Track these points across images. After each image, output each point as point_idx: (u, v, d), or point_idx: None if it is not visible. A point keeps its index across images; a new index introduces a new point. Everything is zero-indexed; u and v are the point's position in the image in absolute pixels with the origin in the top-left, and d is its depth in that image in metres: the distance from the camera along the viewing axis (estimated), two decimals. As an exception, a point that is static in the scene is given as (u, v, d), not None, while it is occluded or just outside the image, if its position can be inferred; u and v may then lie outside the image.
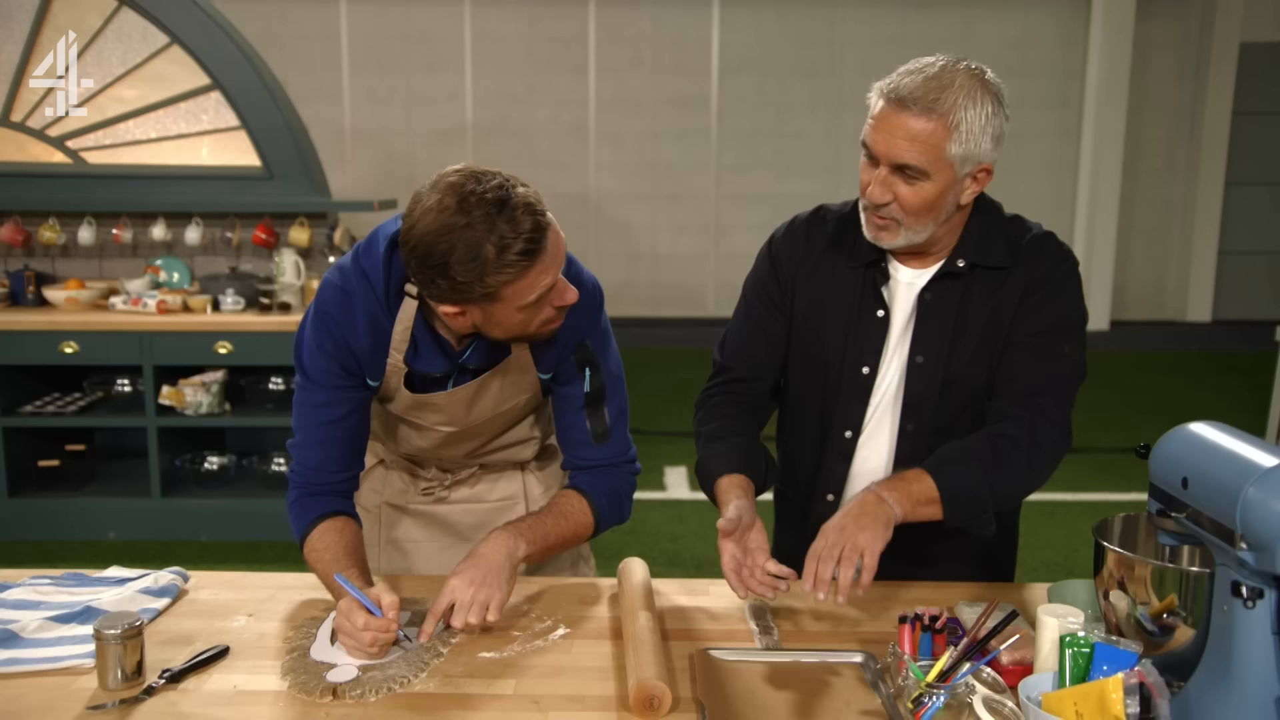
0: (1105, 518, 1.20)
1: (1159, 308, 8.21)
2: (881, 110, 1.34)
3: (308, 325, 1.40)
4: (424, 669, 1.22)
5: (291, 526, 1.43)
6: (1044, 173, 7.81)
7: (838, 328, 1.47)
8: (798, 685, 1.19)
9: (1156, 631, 1.08)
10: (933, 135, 1.30)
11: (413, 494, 1.61)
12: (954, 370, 1.42)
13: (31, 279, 3.74)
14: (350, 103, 7.72)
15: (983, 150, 1.33)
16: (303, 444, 1.42)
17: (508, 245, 1.19)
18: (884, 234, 1.39)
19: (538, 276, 1.24)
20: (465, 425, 1.47)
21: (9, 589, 1.41)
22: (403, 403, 1.44)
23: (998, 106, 1.34)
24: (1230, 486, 0.97)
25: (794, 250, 1.51)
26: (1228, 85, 7.74)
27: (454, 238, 1.19)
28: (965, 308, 1.42)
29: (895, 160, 1.33)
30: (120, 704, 1.13)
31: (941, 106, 1.30)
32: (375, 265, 1.35)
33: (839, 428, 1.49)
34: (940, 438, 1.42)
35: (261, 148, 3.72)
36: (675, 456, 4.62)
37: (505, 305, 1.26)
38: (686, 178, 7.88)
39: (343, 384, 1.39)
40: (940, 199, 1.35)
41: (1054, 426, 1.37)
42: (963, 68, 1.33)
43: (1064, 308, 1.41)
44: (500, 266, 1.20)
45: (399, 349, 1.38)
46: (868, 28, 7.67)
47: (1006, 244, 1.43)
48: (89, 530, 3.67)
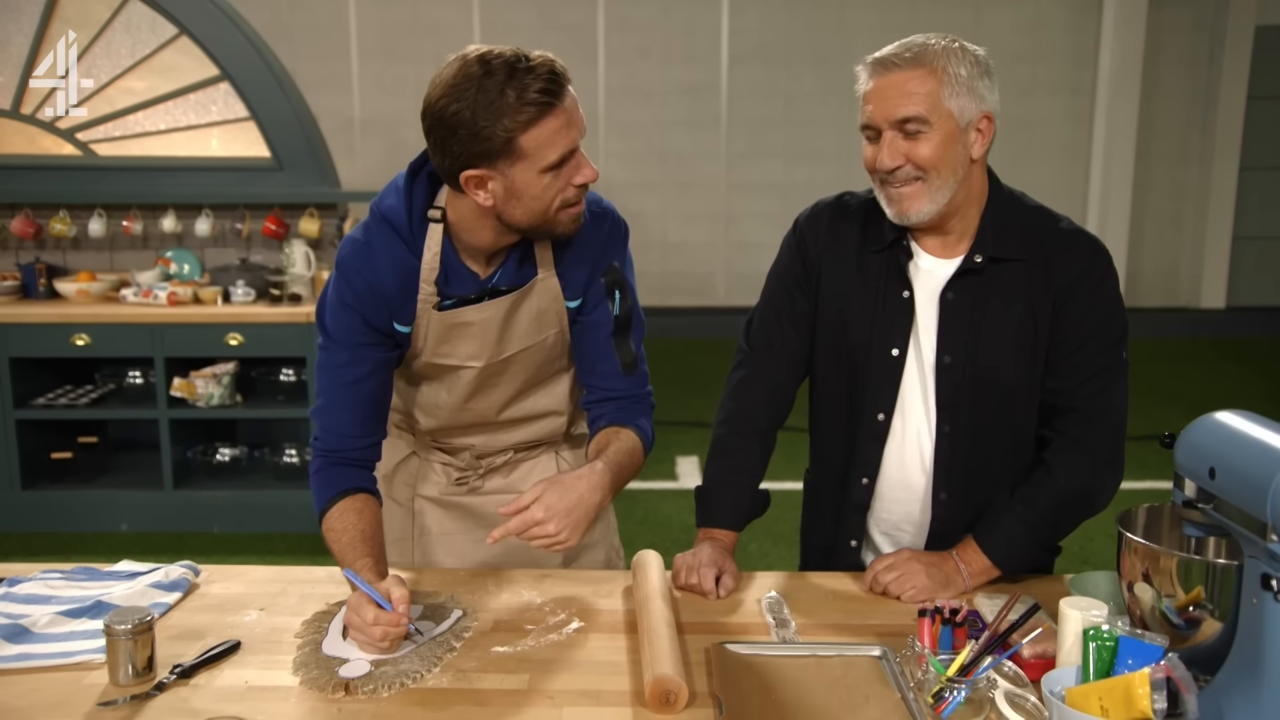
0: (1128, 508, 1.18)
1: (1173, 294, 8.18)
2: (871, 81, 1.38)
3: (330, 286, 1.41)
4: (437, 664, 1.22)
5: (313, 497, 1.43)
6: (1057, 159, 7.78)
7: (864, 311, 1.47)
8: (815, 679, 1.18)
9: (1182, 625, 1.06)
10: (925, 82, 1.34)
11: (446, 485, 1.60)
12: (984, 368, 1.42)
13: (43, 271, 3.75)
14: (359, 93, 7.73)
15: (978, 98, 1.36)
16: (325, 408, 1.42)
17: (526, 87, 1.23)
18: (909, 203, 1.39)
19: (557, 128, 1.25)
20: (494, 357, 1.45)
21: (20, 583, 1.41)
22: (436, 335, 1.43)
23: (980, 64, 1.37)
24: (1260, 477, 0.95)
25: (818, 233, 1.51)
26: (1242, 69, 7.67)
27: (473, 87, 1.23)
28: (988, 305, 1.42)
29: (896, 116, 1.35)
30: (131, 700, 1.13)
31: (926, 58, 1.35)
32: (395, 203, 1.37)
33: (871, 411, 1.48)
34: (979, 439, 1.44)
35: (271, 139, 3.72)
36: (687, 446, 4.62)
37: (527, 166, 1.26)
38: (696, 166, 7.87)
39: (365, 341, 1.40)
40: (949, 149, 1.36)
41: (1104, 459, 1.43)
42: (937, 37, 1.38)
43: (1109, 310, 1.42)
44: (520, 107, 1.23)
45: (429, 280, 1.38)
46: (877, 14, 7.63)
47: (1024, 236, 1.42)
48: (102, 522, 3.70)
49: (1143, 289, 8.05)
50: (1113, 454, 1.43)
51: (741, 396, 1.54)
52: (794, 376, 1.55)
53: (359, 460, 1.43)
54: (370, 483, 1.44)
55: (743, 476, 1.53)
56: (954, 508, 1.47)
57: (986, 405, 1.43)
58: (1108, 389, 1.41)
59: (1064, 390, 1.42)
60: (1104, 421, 1.42)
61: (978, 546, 1.42)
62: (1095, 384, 1.41)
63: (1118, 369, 1.42)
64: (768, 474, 1.56)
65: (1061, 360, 1.42)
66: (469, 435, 1.57)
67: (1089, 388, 1.41)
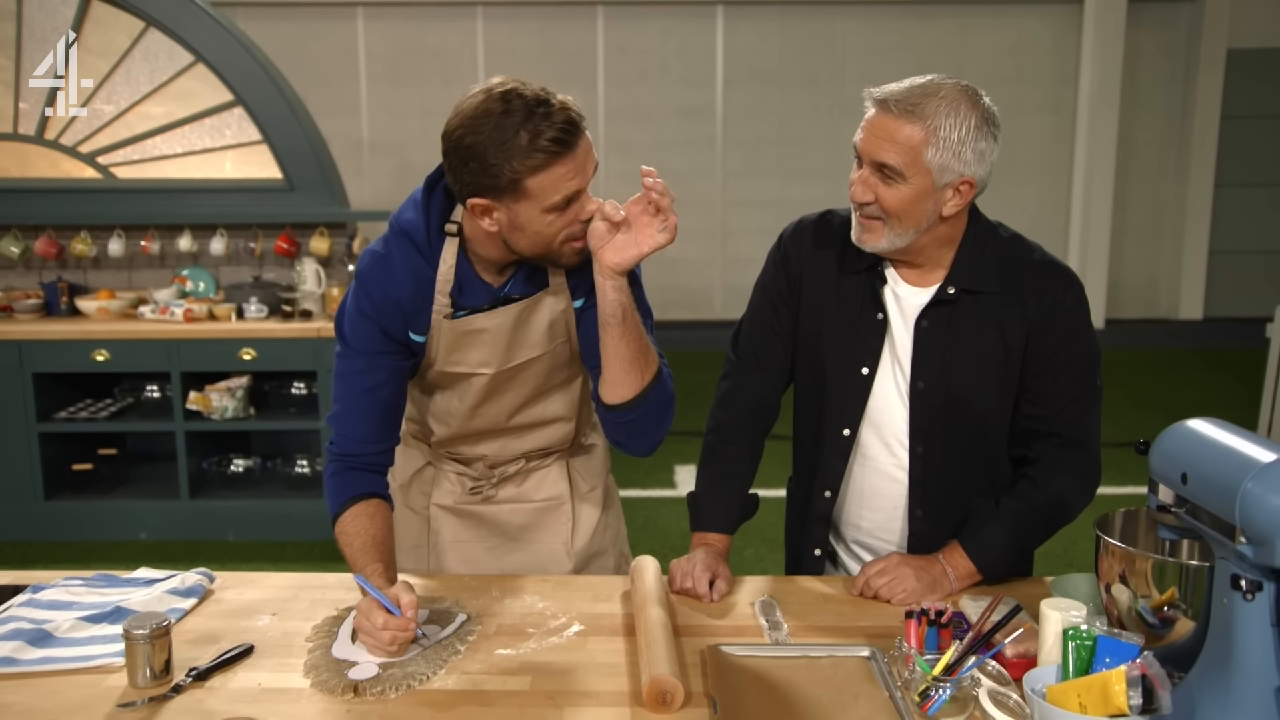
0: (1105, 513, 1.20)
1: (1152, 306, 8.35)
2: (869, 113, 1.40)
3: (349, 297, 1.45)
4: (442, 666, 1.25)
5: (327, 500, 1.45)
6: (1039, 176, 7.94)
7: (838, 328, 1.50)
8: (806, 679, 1.21)
9: (1157, 624, 1.08)
10: (910, 138, 1.34)
11: (461, 495, 1.63)
12: (957, 395, 1.46)
13: (64, 290, 3.84)
14: (368, 116, 7.85)
15: (964, 162, 1.35)
16: (342, 414, 1.45)
17: (540, 132, 1.25)
18: (867, 235, 1.43)
19: (565, 174, 1.27)
20: (504, 365, 1.47)
21: (43, 590, 1.45)
22: (448, 343, 1.45)
23: (985, 125, 1.36)
24: (1229, 481, 0.98)
25: (801, 249, 1.55)
26: (1216, 90, 7.88)
27: (491, 123, 1.25)
28: (962, 334, 1.45)
29: (874, 158, 1.37)
30: (149, 701, 1.17)
31: (921, 111, 1.34)
32: (414, 217, 1.40)
33: (836, 425, 1.52)
34: (953, 461, 1.48)
35: (283, 161, 3.79)
36: (685, 455, 4.64)
37: (531, 203, 1.29)
38: (693, 185, 7.97)
39: (382, 349, 1.42)
40: (918, 204, 1.37)
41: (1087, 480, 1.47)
42: (952, 83, 1.37)
43: (1083, 340, 1.45)
44: (530, 152, 1.25)
45: (444, 291, 1.41)
46: (867, 37, 7.79)
47: (999, 267, 1.45)
48: (121, 531, 3.76)
49: (1123, 301, 8.20)
50: (1092, 474, 1.48)
51: (729, 405, 1.58)
52: (779, 386, 1.59)
53: (373, 465, 1.46)
54: (383, 488, 1.47)
55: (733, 482, 1.57)
56: (930, 524, 1.51)
57: (960, 429, 1.47)
58: (1085, 415, 1.46)
59: (1043, 417, 1.46)
60: (1083, 445, 1.46)
61: (964, 552, 1.46)
62: (1073, 411, 1.45)
63: (1093, 396, 1.46)
64: (762, 480, 1.60)
65: (1040, 389, 1.45)
66: (481, 444, 1.59)
67: (1067, 415, 1.45)
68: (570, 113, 1.28)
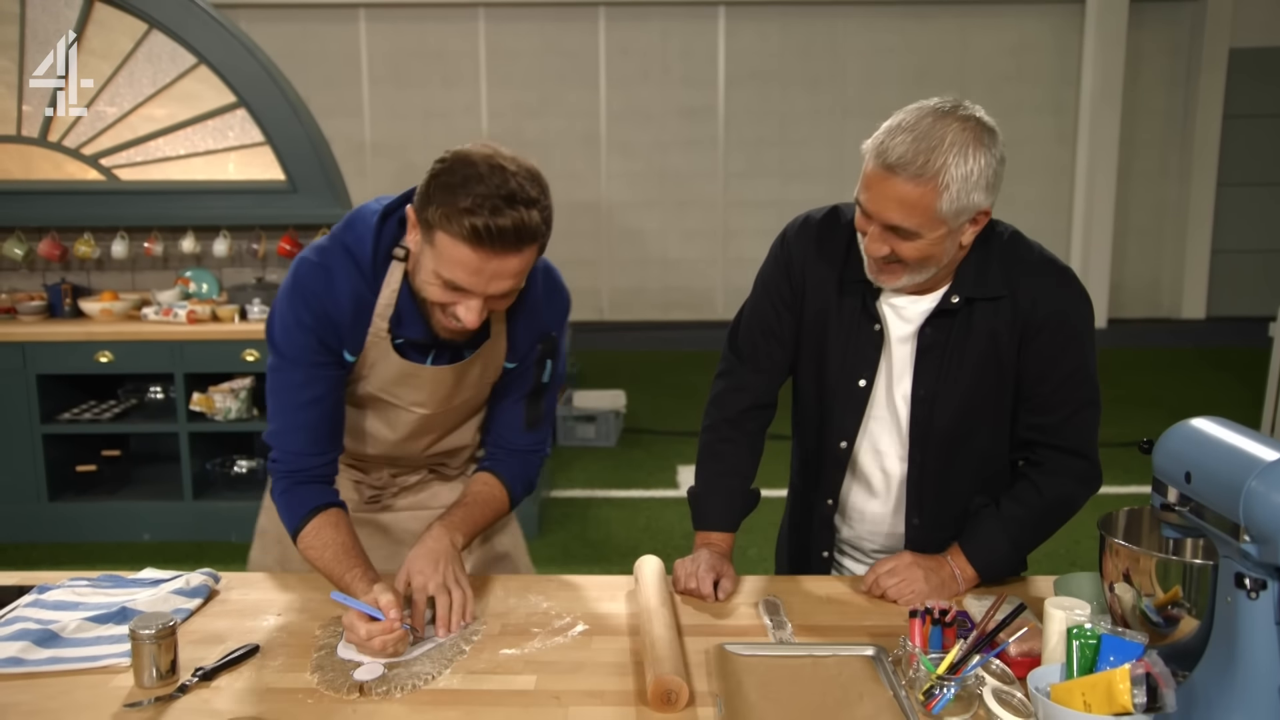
0: (1109, 512, 1.21)
1: (1155, 306, 8.36)
2: (872, 171, 1.32)
3: (282, 305, 1.38)
4: (447, 665, 1.26)
5: (282, 519, 1.42)
6: (1041, 177, 7.94)
7: (839, 338, 1.49)
8: (811, 678, 1.21)
9: (1161, 623, 1.09)
10: (922, 199, 1.29)
11: (359, 503, 1.62)
12: (957, 403, 1.44)
13: (68, 291, 3.84)
14: (370, 117, 7.87)
15: (975, 200, 1.31)
16: (283, 430, 1.40)
17: (477, 212, 1.20)
18: (886, 278, 1.39)
19: (463, 261, 1.23)
20: (438, 409, 1.48)
21: (49, 590, 1.46)
22: (385, 375, 1.43)
23: (990, 153, 1.31)
24: (1233, 480, 0.98)
25: (806, 253, 1.50)
26: (1218, 90, 7.89)
27: (466, 172, 1.22)
28: (965, 341, 1.43)
29: (886, 221, 1.32)
30: (155, 701, 1.17)
31: (930, 169, 1.27)
32: (361, 237, 1.36)
33: (835, 438, 1.52)
34: (950, 467, 1.47)
35: (285, 162, 3.80)
36: (687, 456, 4.65)
37: (432, 253, 1.26)
38: (695, 185, 7.99)
39: (321, 360, 1.37)
40: (938, 249, 1.34)
41: (1088, 486, 1.46)
42: (955, 119, 1.29)
43: (1081, 343, 1.42)
44: (457, 214, 1.21)
45: (383, 316, 1.38)
46: (868, 38, 7.80)
47: (1003, 270, 1.42)
48: (125, 532, 3.77)
49: (1125, 301, 8.21)
50: (1093, 477, 1.47)
51: (726, 405, 1.57)
52: (776, 383, 1.58)
53: (323, 477, 1.43)
54: (336, 496, 1.44)
55: (733, 479, 1.56)
56: (926, 531, 1.51)
57: (958, 436, 1.46)
58: (1085, 421, 1.45)
59: (1045, 427, 1.45)
60: (1083, 451, 1.45)
61: (965, 556, 1.46)
62: (1073, 417, 1.44)
63: (1094, 405, 1.45)
64: (765, 479, 1.60)
65: (1042, 398, 1.43)
66: (393, 465, 1.60)
67: (1070, 424, 1.44)
68: (521, 229, 1.22)
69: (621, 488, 4.37)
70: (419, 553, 1.37)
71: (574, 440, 5.05)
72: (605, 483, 4.45)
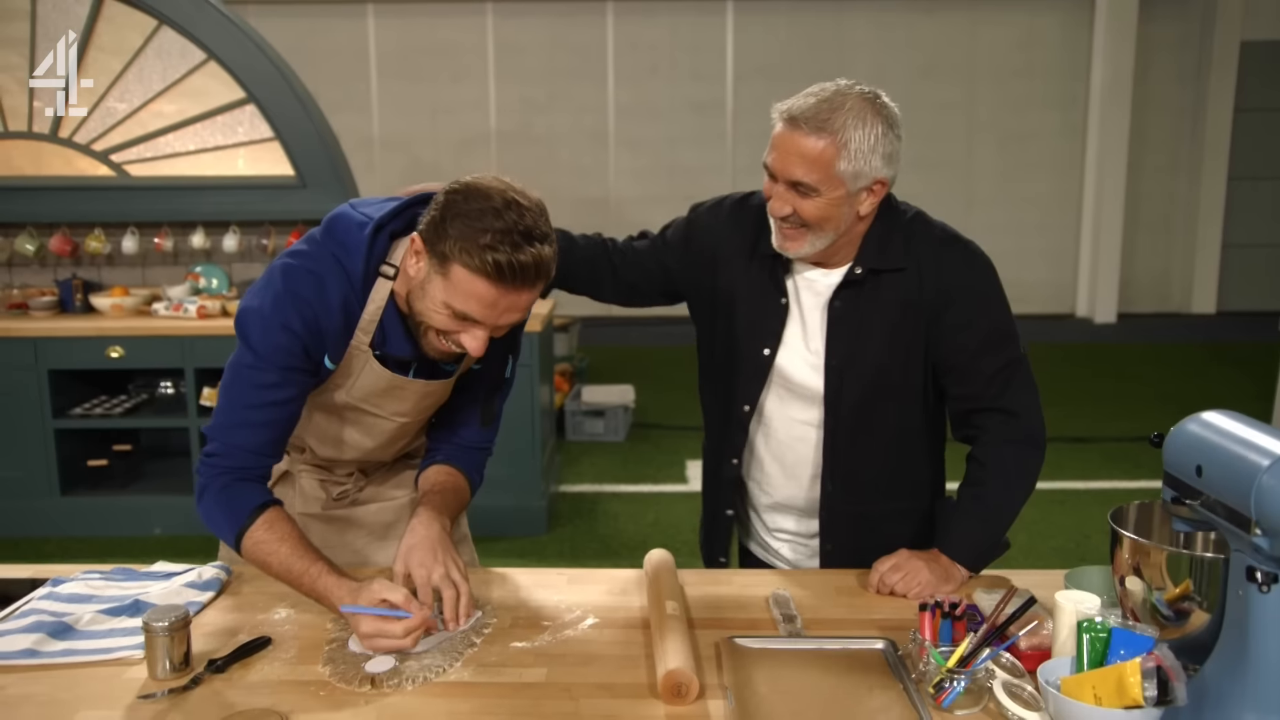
0: (1120, 505, 1.20)
1: (1165, 300, 8.32)
2: (778, 131, 1.43)
3: (266, 305, 1.34)
4: (458, 658, 1.26)
5: (219, 518, 1.36)
6: (1051, 171, 7.90)
7: (746, 310, 1.56)
8: (821, 672, 1.22)
9: (1172, 616, 1.09)
10: (823, 154, 1.39)
11: (326, 501, 1.62)
12: (869, 371, 1.50)
13: (79, 287, 3.86)
14: (379, 113, 7.88)
15: (873, 167, 1.41)
16: (237, 425, 1.35)
17: (498, 248, 1.22)
18: (790, 244, 1.47)
19: (480, 294, 1.24)
20: (420, 417, 1.51)
21: (63, 583, 1.47)
22: (369, 387, 1.43)
23: (888, 128, 1.41)
24: (1245, 474, 0.98)
25: (715, 228, 1.60)
26: (1229, 83, 7.84)
27: (482, 206, 1.23)
28: (872, 312, 1.49)
29: (788, 176, 1.42)
30: (169, 693, 1.18)
31: (831, 126, 1.39)
32: (352, 249, 1.34)
33: (739, 401, 1.59)
34: (863, 435, 1.54)
35: (295, 157, 3.81)
36: (695, 450, 4.65)
37: (444, 284, 1.26)
38: (703, 180, 7.96)
39: (297, 365, 1.35)
40: (835, 211, 1.43)
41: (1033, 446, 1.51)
42: (856, 91, 1.42)
43: (992, 311, 1.49)
44: (478, 251, 1.22)
45: (366, 330, 1.37)
46: (876, 32, 7.76)
47: (904, 244, 1.49)
48: (136, 526, 3.79)
49: (1136, 296, 8.18)
50: (1037, 437, 1.51)
51: None
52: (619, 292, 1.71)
53: (262, 478, 1.40)
54: (274, 496, 1.40)
55: None
56: (841, 493, 1.56)
57: (870, 403, 1.52)
58: (1015, 383, 1.50)
59: (973, 395, 1.51)
60: (1022, 411, 1.50)
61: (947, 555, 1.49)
62: (999, 382, 1.49)
63: (1017, 362, 1.50)
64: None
65: (963, 368, 1.50)
66: (363, 466, 1.62)
67: (995, 388, 1.49)
68: (539, 266, 1.24)
69: (631, 482, 4.37)
70: (414, 542, 1.37)
71: (583, 435, 5.06)
72: (614, 477, 4.45)
